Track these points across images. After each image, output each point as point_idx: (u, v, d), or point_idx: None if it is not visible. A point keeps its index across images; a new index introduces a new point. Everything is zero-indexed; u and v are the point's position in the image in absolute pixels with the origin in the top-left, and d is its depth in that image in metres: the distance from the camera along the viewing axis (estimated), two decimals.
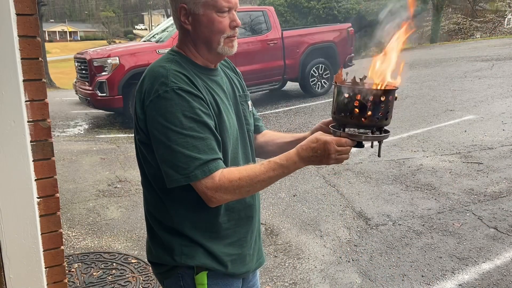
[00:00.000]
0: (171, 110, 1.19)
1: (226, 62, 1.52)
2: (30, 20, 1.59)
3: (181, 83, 1.22)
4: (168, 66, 1.26)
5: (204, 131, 1.21)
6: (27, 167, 1.62)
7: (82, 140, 7.20)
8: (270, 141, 1.56)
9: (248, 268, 1.44)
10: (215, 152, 1.22)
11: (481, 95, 7.80)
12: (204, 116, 1.21)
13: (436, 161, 5.04)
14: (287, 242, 3.55)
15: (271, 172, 1.23)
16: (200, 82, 1.28)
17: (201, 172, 1.19)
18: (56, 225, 1.75)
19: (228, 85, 1.41)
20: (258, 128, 1.58)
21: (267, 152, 1.57)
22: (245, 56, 8.19)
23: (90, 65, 7.57)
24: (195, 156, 1.19)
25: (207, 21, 1.27)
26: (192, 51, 1.33)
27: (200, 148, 1.20)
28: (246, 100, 1.46)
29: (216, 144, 1.23)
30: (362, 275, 3.03)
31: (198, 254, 1.32)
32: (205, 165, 1.19)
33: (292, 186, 4.64)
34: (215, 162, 1.21)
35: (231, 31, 1.30)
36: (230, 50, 1.32)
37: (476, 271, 2.98)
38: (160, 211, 1.34)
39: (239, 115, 1.41)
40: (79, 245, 3.61)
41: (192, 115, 1.20)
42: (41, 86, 1.64)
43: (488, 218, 3.65)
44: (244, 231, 1.40)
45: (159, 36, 8.58)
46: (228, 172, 1.22)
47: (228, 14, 1.28)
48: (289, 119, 7.74)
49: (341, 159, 1.24)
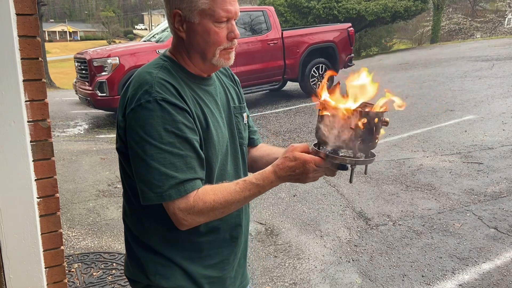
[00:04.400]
0: (151, 122, 1.10)
1: (223, 69, 1.41)
2: (30, 20, 1.59)
3: (166, 94, 1.12)
4: (155, 73, 1.17)
5: (184, 148, 1.12)
6: (27, 167, 1.62)
7: (82, 140, 7.20)
8: (265, 155, 1.45)
9: None
10: (193, 171, 1.13)
11: (481, 95, 7.80)
12: (187, 132, 1.13)
13: (436, 161, 5.03)
14: (287, 242, 3.54)
15: (247, 192, 1.15)
16: (188, 92, 1.19)
17: (176, 192, 1.10)
18: (56, 225, 1.75)
19: (222, 95, 1.32)
20: (253, 142, 1.48)
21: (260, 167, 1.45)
22: (245, 56, 8.19)
23: (90, 65, 7.57)
24: (171, 175, 1.10)
25: (202, 31, 1.17)
26: (185, 58, 1.23)
27: (178, 166, 1.11)
28: (240, 112, 1.36)
29: (197, 163, 1.14)
30: (362, 275, 3.03)
31: (175, 275, 1.24)
32: (181, 184, 1.11)
33: (292, 186, 4.64)
34: (192, 182, 1.12)
35: (228, 43, 1.20)
36: (226, 62, 1.23)
37: (476, 271, 2.97)
38: (137, 226, 1.27)
39: (232, 128, 1.31)
40: (79, 245, 3.61)
41: (173, 130, 1.11)
42: (41, 86, 1.64)
43: (488, 218, 3.65)
44: (227, 252, 1.31)
45: (159, 36, 8.58)
46: (203, 192, 1.13)
47: (226, 24, 1.18)
48: (289, 119, 7.74)
49: (317, 177, 1.18)
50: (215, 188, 1.15)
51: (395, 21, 20.25)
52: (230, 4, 1.17)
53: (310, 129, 6.88)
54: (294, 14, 18.72)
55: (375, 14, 18.11)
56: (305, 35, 9.34)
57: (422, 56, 14.13)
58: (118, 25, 64.28)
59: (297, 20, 18.52)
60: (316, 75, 9.33)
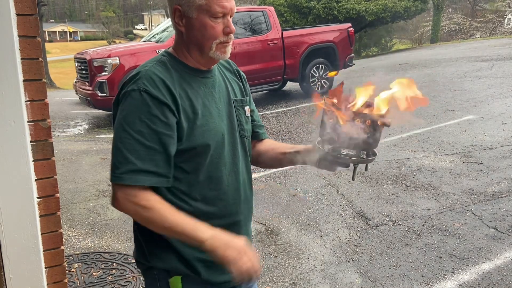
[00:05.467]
0: (130, 109, 1.20)
1: (228, 64, 1.48)
2: (30, 20, 1.59)
3: (150, 86, 1.20)
4: (149, 66, 1.26)
5: (152, 140, 1.18)
6: (27, 167, 1.63)
7: (82, 140, 7.20)
8: (269, 150, 1.51)
9: (230, 277, 1.31)
10: (154, 164, 1.19)
11: (481, 95, 7.80)
12: (159, 125, 1.19)
13: (436, 161, 5.04)
14: (287, 242, 3.55)
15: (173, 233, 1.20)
16: (180, 86, 1.25)
17: (128, 179, 1.17)
18: (56, 225, 1.75)
19: (222, 88, 1.38)
20: (257, 135, 1.53)
21: (265, 161, 1.53)
22: (245, 56, 8.20)
23: (90, 65, 7.57)
24: (131, 160, 1.17)
25: (199, 26, 1.25)
26: (184, 53, 1.31)
27: (140, 155, 1.18)
28: (242, 105, 1.42)
29: (161, 158, 1.20)
30: (362, 275, 3.03)
31: (170, 257, 1.29)
32: (136, 173, 1.17)
33: (292, 186, 4.64)
34: (149, 175, 1.18)
35: (224, 37, 1.27)
36: (223, 56, 1.30)
37: (476, 271, 2.97)
38: None
39: (231, 120, 1.36)
40: (79, 245, 3.61)
41: (146, 120, 1.18)
42: (41, 86, 1.64)
43: (488, 218, 3.65)
44: None
45: (159, 36, 8.58)
46: (152, 195, 1.19)
47: (223, 19, 1.26)
48: (289, 119, 7.74)
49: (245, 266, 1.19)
50: (162, 204, 1.20)
51: (395, 21, 20.27)
52: (226, 0, 1.25)
53: (310, 129, 6.88)
54: (294, 14, 18.72)
55: (375, 14, 18.11)
56: (305, 35, 9.34)
57: (422, 56, 14.13)
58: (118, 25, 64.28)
59: (297, 20, 18.52)
60: (316, 75, 9.34)
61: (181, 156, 1.25)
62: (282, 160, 1.48)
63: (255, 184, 4.77)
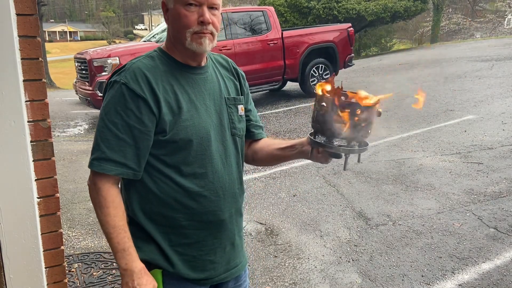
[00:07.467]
0: (109, 100, 1.25)
1: (226, 62, 1.46)
2: (30, 20, 1.59)
3: (131, 81, 1.24)
4: (137, 60, 1.29)
5: (124, 132, 1.23)
6: (27, 167, 1.62)
7: (82, 140, 7.20)
8: (265, 146, 1.51)
9: (210, 275, 1.36)
10: (123, 155, 1.23)
11: (481, 95, 7.80)
12: (133, 120, 1.22)
13: (436, 161, 5.04)
14: (287, 242, 3.55)
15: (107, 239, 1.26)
16: (165, 80, 1.27)
17: (97, 166, 1.23)
18: (56, 225, 1.74)
19: (215, 85, 1.37)
20: (252, 135, 1.52)
21: (258, 160, 1.53)
22: (245, 56, 8.19)
23: (90, 65, 7.57)
24: (101, 148, 1.23)
25: (175, 15, 1.27)
26: (172, 47, 1.33)
27: (111, 144, 1.23)
28: (235, 104, 1.41)
29: (131, 151, 1.24)
30: (362, 275, 3.03)
31: (148, 247, 1.31)
32: (104, 161, 1.22)
33: (292, 186, 4.64)
34: (115, 165, 1.23)
35: (198, 27, 1.25)
36: (199, 47, 1.27)
37: (476, 271, 2.97)
38: (126, 202, 1.35)
39: (221, 117, 1.36)
40: (79, 245, 3.61)
41: (121, 113, 1.22)
42: (41, 86, 1.64)
43: (488, 218, 3.65)
44: (203, 234, 1.34)
45: (159, 36, 8.57)
46: (112, 193, 1.25)
47: (198, 9, 1.24)
48: (289, 119, 7.74)
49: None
50: (119, 204, 1.26)
51: (395, 21, 20.25)
52: None
53: (310, 129, 6.87)
54: (294, 14, 18.70)
55: (375, 14, 18.09)
56: (305, 35, 9.33)
57: (422, 56, 14.13)
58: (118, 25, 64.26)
59: (297, 20, 18.51)
60: (316, 75, 9.33)
61: (163, 148, 1.27)
62: (278, 156, 1.48)
63: (255, 184, 4.79)
